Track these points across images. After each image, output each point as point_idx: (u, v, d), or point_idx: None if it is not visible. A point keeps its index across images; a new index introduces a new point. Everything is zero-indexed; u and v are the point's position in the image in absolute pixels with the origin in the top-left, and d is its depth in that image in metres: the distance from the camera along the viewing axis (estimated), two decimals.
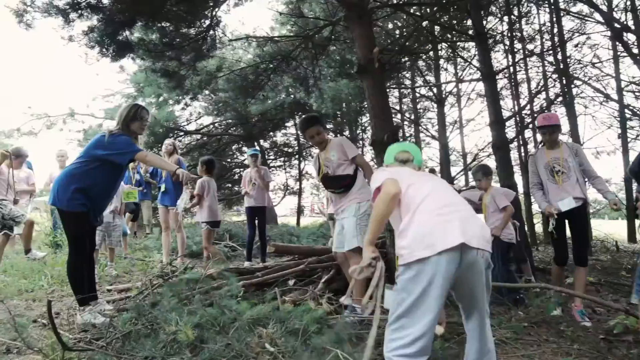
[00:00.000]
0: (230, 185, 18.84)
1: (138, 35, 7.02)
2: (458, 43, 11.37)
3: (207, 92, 14.90)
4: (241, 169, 18.41)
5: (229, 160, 18.51)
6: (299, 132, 18.58)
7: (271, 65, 9.28)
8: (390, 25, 12.16)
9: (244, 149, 18.28)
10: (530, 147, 13.13)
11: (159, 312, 3.29)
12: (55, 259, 6.38)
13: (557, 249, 4.40)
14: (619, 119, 10.47)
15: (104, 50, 6.50)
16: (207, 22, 7.33)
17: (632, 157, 3.44)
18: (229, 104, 14.65)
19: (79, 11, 5.90)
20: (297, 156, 19.00)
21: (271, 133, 18.49)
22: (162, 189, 6.76)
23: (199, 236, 8.11)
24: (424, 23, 9.06)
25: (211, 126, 17.31)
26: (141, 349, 2.80)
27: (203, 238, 5.99)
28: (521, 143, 12.66)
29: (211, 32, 7.54)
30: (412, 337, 1.91)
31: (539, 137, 11.96)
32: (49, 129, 14.66)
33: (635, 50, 7.93)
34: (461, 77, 13.73)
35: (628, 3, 9.32)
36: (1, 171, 6.00)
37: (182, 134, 16.22)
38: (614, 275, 6.10)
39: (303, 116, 5.05)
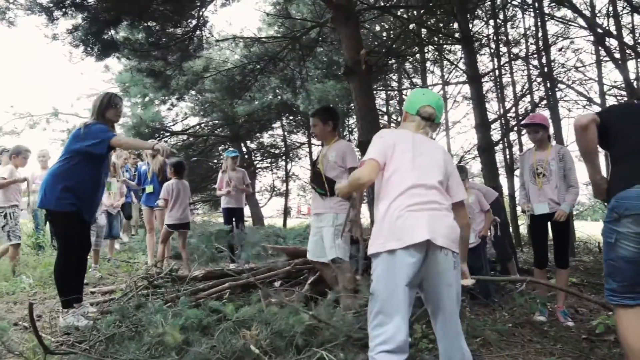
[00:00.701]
0: (216, 186, 18.76)
1: (123, 34, 6.95)
2: (444, 46, 11.45)
3: (193, 92, 14.77)
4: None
5: (215, 161, 18.41)
6: (285, 133, 18.58)
7: (258, 66, 9.26)
8: (377, 28, 12.20)
9: (231, 149, 18.19)
10: (516, 149, 13.27)
11: (144, 315, 3.26)
12: (37, 261, 6.28)
13: (535, 251, 4.40)
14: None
15: (89, 49, 6.42)
16: (194, 22, 7.29)
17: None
18: (215, 105, 14.56)
19: (63, 9, 5.82)
20: (284, 157, 18.97)
21: (258, 134, 18.42)
22: (148, 189, 6.70)
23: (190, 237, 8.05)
24: (411, 25, 9.12)
25: (197, 127, 17.20)
26: (125, 352, 2.77)
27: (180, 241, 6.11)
28: (506, 145, 12.77)
29: (198, 32, 7.50)
30: (390, 333, 1.96)
31: (524, 138, 12.11)
32: (32, 128, 14.41)
33: (617, 55, 8.07)
34: (447, 80, 13.83)
35: (610, 9, 9.49)
36: (12, 172, 5.88)
37: (168, 134, 16.08)
38: (596, 276, 6.18)
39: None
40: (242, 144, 16.84)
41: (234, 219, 6.99)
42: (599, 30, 5.38)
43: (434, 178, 2.18)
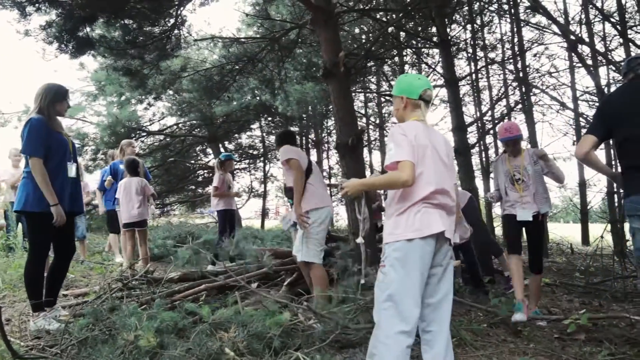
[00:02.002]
0: (194, 187, 18.55)
1: (99, 32, 6.82)
2: (423, 49, 11.58)
3: (171, 92, 14.63)
4: (205, 171, 18.17)
5: (192, 161, 18.23)
6: (264, 134, 18.51)
7: (237, 67, 9.21)
8: (356, 30, 12.27)
9: (208, 150, 18.05)
10: (492, 152, 13.50)
11: (118, 317, 3.20)
12: (7, 263, 6.11)
13: (509, 238, 4.34)
14: (574, 126, 10.88)
15: (63, 46, 6.28)
16: (172, 21, 7.20)
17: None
18: (193, 105, 14.43)
19: (36, 5, 5.68)
20: (262, 158, 18.89)
21: (236, 135, 18.32)
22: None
23: (160, 239, 7.95)
24: (390, 29, 9.19)
25: (175, 127, 17.02)
26: (98, 356, 2.71)
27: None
28: (482, 148, 12.99)
29: (176, 31, 7.42)
30: (405, 315, 2.14)
31: (499, 143, 12.32)
32: (3, 126, 14.02)
33: (589, 62, 8.28)
34: None
35: (583, 17, 9.73)
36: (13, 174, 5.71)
37: (144, 134, 15.87)
38: (569, 277, 6.33)
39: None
40: (220, 145, 16.71)
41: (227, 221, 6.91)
42: (572, 37, 5.51)
43: (449, 182, 2.39)
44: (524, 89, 10.80)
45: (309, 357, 2.62)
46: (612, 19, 8.42)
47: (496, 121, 12.37)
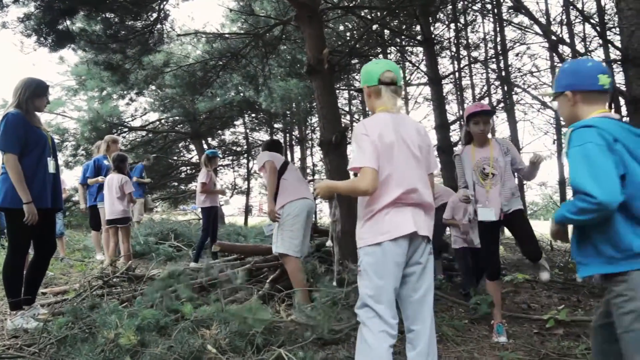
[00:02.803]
0: (176, 183, 18.39)
1: (80, 25, 6.69)
2: (407, 47, 11.63)
3: (153, 87, 14.48)
4: (188, 167, 18.03)
5: (175, 158, 18.07)
6: (247, 130, 18.43)
7: (220, 62, 9.13)
8: (341, 27, 12.26)
9: (191, 146, 17.90)
10: None
11: (98, 315, 3.16)
12: None
13: (487, 261, 3.69)
14: (554, 125, 11.06)
15: (42, 39, 6.14)
16: (155, 15, 7.11)
17: (566, 161, 3.46)
18: (176, 101, 14.29)
19: None
20: (245, 155, 18.80)
21: (219, 131, 18.20)
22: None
23: (142, 236, 7.87)
24: (374, 26, 9.21)
25: (157, 123, 16.84)
26: (77, 355, 2.67)
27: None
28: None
29: (158, 25, 7.32)
30: (383, 317, 2.11)
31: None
32: None
33: None
34: (409, 81, 14.05)
35: (564, 17, 9.88)
36: None
37: (126, 130, 15.67)
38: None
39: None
40: (203, 141, 16.58)
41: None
42: (553, 37, 5.59)
43: (423, 178, 2.28)
44: (506, 88, 10.94)
45: (292, 354, 2.62)
46: (592, 20, 8.56)
47: None
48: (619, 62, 4.69)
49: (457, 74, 11.87)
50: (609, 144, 1.74)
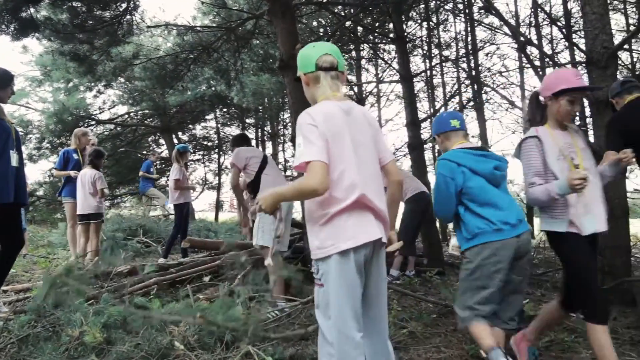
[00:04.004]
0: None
1: (45, 13, 6.48)
2: (379, 45, 11.70)
3: (122, 79, 14.15)
4: (158, 162, 17.71)
5: (144, 152, 17.71)
6: (219, 125, 18.22)
7: (191, 56, 8.98)
8: (314, 23, 12.24)
9: (161, 141, 17.59)
10: None
11: (62, 313, 3.08)
12: None
13: (587, 293, 2.51)
14: (522, 125, 11.32)
15: (3, 27, 5.92)
16: (124, 5, 6.94)
17: None
18: (145, 94, 14.00)
19: None
20: (216, 150, 18.59)
21: (190, 125, 17.94)
22: (72, 180, 6.27)
23: (109, 231, 7.70)
24: (347, 23, 9.22)
25: (126, 116, 16.47)
26: (40, 354, 2.61)
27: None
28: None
29: (128, 16, 7.16)
30: (351, 334, 1.87)
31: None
32: None
33: (537, 63, 8.61)
34: (381, 78, 14.14)
35: (532, 19, 10.11)
36: None
37: (94, 123, 15.27)
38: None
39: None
40: (174, 136, 16.31)
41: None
42: (521, 38, 5.72)
43: (376, 172, 2.04)
44: (476, 87, 11.12)
45: (261, 351, 2.61)
46: (559, 23, 8.79)
47: None
48: (584, 64, 4.82)
49: (428, 72, 12.00)
50: (452, 170, 2.69)
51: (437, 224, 7.75)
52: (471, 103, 11.81)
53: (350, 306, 1.87)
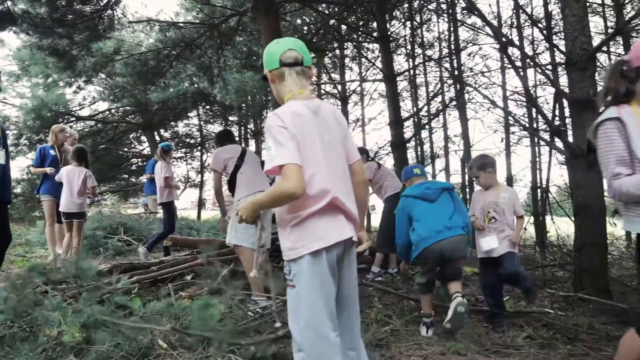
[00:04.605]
0: (126, 176, 17.84)
1: (23, 6, 6.35)
2: (363, 44, 11.74)
3: (103, 75, 13.94)
4: (139, 159, 17.52)
5: (125, 149, 17.50)
6: (202, 123, 18.08)
7: (174, 52, 8.90)
8: (298, 21, 12.22)
9: (143, 138, 17.40)
10: (427, 147, 13.92)
11: (40, 313, 3.02)
12: None
13: None
14: (503, 124, 11.45)
15: None
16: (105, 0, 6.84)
17: (513, 159, 3.67)
18: (127, 90, 13.83)
19: None
20: (199, 147, 18.45)
21: (172, 123, 17.77)
22: (51, 177, 6.14)
23: (89, 230, 7.58)
24: (331, 21, 9.23)
25: (107, 112, 16.25)
26: (16, 354, 2.55)
27: None
28: (418, 142, 13.38)
29: (109, 11, 7.06)
30: (328, 336, 1.84)
31: (435, 136, 12.67)
32: None
33: (518, 64, 8.71)
34: (365, 77, 14.19)
35: (514, 20, 10.23)
36: None
37: (73, 119, 15.02)
38: None
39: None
40: (156, 133, 16.14)
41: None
42: (503, 39, 5.78)
43: (346, 173, 2.03)
44: (458, 87, 11.22)
45: (244, 349, 2.60)
46: (540, 25, 8.91)
47: (432, 117, 12.79)
48: (563, 66, 4.90)
49: (411, 71, 12.09)
50: (409, 204, 3.63)
51: None
52: (453, 102, 11.91)
53: (324, 305, 1.85)
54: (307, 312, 1.85)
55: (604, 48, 8.24)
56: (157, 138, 15.90)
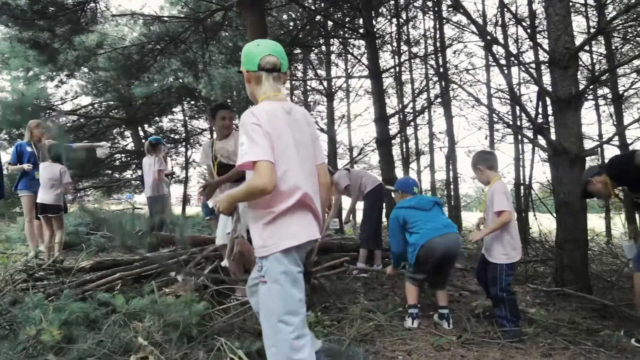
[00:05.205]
0: (110, 171, 17.60)
1: None
2: (349, 40, 11.73)
3: (85, 69, 13.71)
4: (123, 155, 17.31)
5: (109, 145, 17.24)
6: (186, 118, 17.92)
7: (158, 47, 8.80)
8: (284, 17, 12.17)
9: (127, 133, 17.18)
10: (412, 143, 13.98)
11: (20, 311, 2.97)
12: None
13: None
14: (487, 121, 11.56)
15: None
16: None
17: (497, 156, 3.74)
18: (110, 85, 13.63)
19: None
20: (184, 143, 18.30)
21: (157, 118, 17.57)
22: (29, 174, 6.03)
23: (72, 226, 7.49)
24: (317, 17, 9.21)
25: (90, 107, 15.99)
26: None
27: None
28: (403, 139, 13.44)
29: (92, 4, 6.95)
30: (299, 330, 1.95)
31: (420, 133, 12.69)
32: None
33: (502, 62, 8.79)
34: (351, 73, 14.20)
35: (499, 19, 10.32)
36: None
37: (55, 114, 14.76)
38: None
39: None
40: (140, 128, 15.95)
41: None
42: (488, 37, 5.82)
43: (314, 172, 2.13)
44: (443, 84, 11.29)
45: (227, 346, 2.59)
46: (524, 23, 8.99)
47: (417, 114, 12.85)
48: (547, 64, 4.96)
49: (397, 68, 12.11)
50: (404, 214, 3.73)
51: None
52: (438, 99, 11.99)
53: (294, 301, 1.94)
54: (278, 308, 1.93)
55: (586, 47, 8.36)
56: (141, 133, 15.72)
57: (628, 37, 7.86)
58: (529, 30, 7.76)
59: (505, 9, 9.49)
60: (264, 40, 2.22)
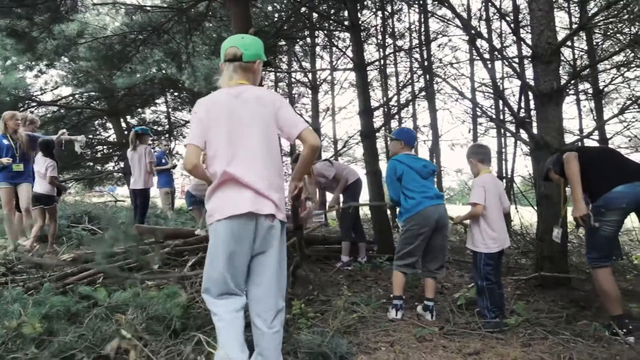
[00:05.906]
0: (91, 163, 17.35)
1: None
2: (334, 32, 11.68)
3: (65, 59, 13.44)
4: (105, 147, 17.08)
5: (90, 136, 16.99)
6: (170, 109, 17.72)
7: (140, 37, 8.66)
8: (269, 8, 12.06)
9: (108, 124, 16.93)
10: None
11: None
12: None
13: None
14: (471, 115, 11.64)
15: None
16: None
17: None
18: (91, 75, 13.37)
19: None
20: (167, 135, 18.10)
21: (139, 109, 17.34)
22: (16, 168, 5.91)
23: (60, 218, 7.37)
24: (302, 9, 9.14)
25: (70, 98, 15.70)
26: None
27: None
28: (387, 132, 13.48)
29: None
30: (218, 291, 2.21)
31: (404, 125, 12.85)
32: None
33: (486, 56, 8.85)
34: (335, 66, 14.16)
35: (483, 13, 10.37)
36: None
37: (34, 104, 14.48)
38: (461, 254, 6.82)
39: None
40: (122, 119, 15.72)
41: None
42: (472, 31, 5.85)
43: (260, 150, 2.22)
44: (428, 77, 11.32)
45: (211, 338, 2.58)
46: (507, 18, 9.05)
47: (402, 107, 12.88)
48: (529, 59, 5.00)
49: (382, 61, 12.11)
50: (403, 170, 3.81)
51: (388, 212, 7.87)
52: (423, 93, 12.02)
53: (221, 268, 2.15)
54: (208, 269, 2.22)
55: (568, 43, 8.45)
56: (124, 125, 15.51)
57: (609, 33, 7.96)
58: (512, 25, 7.82)
59: (490, 4, 9.53)
60: (237, 35, 2.44)
